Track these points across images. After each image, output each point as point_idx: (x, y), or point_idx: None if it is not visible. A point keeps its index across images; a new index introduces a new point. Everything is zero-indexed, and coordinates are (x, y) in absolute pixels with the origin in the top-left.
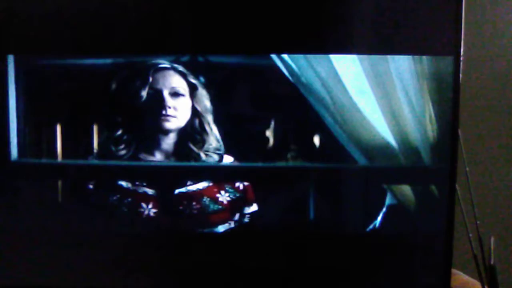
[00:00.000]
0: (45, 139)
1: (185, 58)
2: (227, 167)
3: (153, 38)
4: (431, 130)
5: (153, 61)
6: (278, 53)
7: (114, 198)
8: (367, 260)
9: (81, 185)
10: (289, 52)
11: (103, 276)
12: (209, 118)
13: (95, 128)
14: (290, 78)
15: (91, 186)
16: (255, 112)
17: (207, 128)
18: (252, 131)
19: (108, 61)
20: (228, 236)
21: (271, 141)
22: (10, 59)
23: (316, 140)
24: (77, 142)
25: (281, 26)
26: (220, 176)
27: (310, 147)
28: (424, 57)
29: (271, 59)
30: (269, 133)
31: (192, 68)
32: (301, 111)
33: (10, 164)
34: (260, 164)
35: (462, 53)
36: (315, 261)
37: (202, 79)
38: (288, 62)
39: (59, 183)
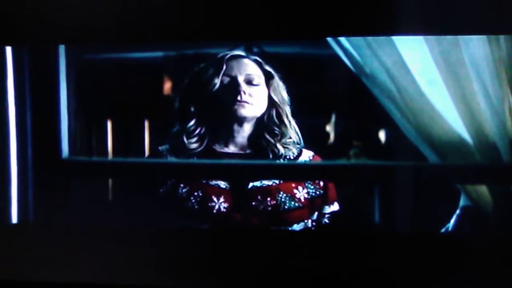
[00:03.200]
0: (97, 136)
1: (240, 48)
2: (303, 166)
3: (205, 27)
4: (510, 123)
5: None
6: (335, 36)
7: (183, 190)
8: (438, 264)
9: (148, 179)
10: (346, 34)
11: (164, 274)
12: (287, 109)
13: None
14: (352, 68)
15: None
16: (315, 106)
17: (285, 120)
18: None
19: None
20: (300, 234)
21: (332, 136)
22: (61, 49)
23: (382, 135)
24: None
25: (338, 6)
26: (295, 173)
27: (374, 144)
28: (502, 38)
29: (331, 48)
30: (329, 128)
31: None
32: (364, 104)
33: (61, 162)
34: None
35: None
36: (382, 261)
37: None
38: (349, 51)
39: (115, 180)
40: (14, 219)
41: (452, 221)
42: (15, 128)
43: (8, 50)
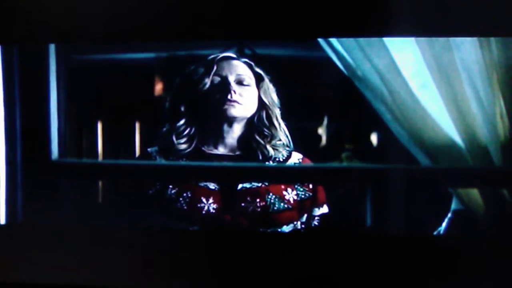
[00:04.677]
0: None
1: (232, 50)
2: (293, 168)
3: (197, 27)
4: (502, 127)
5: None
6: (326, 37)
7: (172, 191)
8: (430, 267)
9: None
10: (338, 35)
11: (153, 275)
12: (277, 112)
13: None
14: (344, 71)
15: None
16: (307, 109)
17: (275, 122)
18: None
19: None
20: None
21: (324, 139)
22: (52, 49)
23: (374, 139)
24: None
25: (330, 7)
26: (285, 175)
27: (366, 147)
28: (493, 41)
29: (323, 50)
30: (321, 131)
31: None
32: (356, 107)
33: (51, 163)
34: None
35: None
36: (373, 265)
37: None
38: (341, 54)
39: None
40: (2, 220)
41: (444, 224)
42: (4, 129)
43: None
